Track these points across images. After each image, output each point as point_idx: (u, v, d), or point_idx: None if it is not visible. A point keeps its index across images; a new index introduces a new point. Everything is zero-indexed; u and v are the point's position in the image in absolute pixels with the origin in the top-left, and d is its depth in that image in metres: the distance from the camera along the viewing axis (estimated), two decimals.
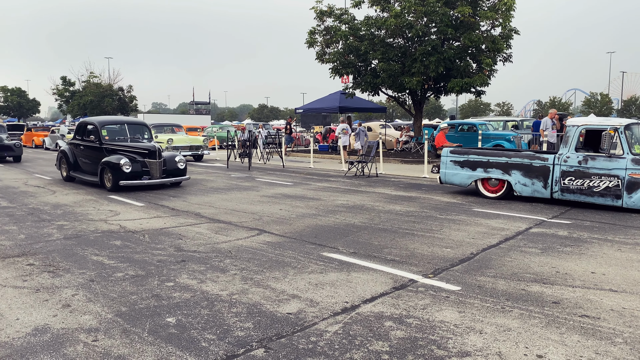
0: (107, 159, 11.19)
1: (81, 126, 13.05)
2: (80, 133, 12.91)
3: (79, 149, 12.74)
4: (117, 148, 11.79)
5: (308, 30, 21.91)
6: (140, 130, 12.91)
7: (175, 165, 11.96)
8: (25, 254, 5.90)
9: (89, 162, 12.31)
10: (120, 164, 10.91)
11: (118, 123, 12.99)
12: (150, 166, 11.48)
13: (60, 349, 3.43)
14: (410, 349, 3.43)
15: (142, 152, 11.60)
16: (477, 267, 5.37)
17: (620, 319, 3.96)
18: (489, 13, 18.60)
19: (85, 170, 12.59)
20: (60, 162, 13.42)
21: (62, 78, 47.75)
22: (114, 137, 12.21)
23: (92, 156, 12.10)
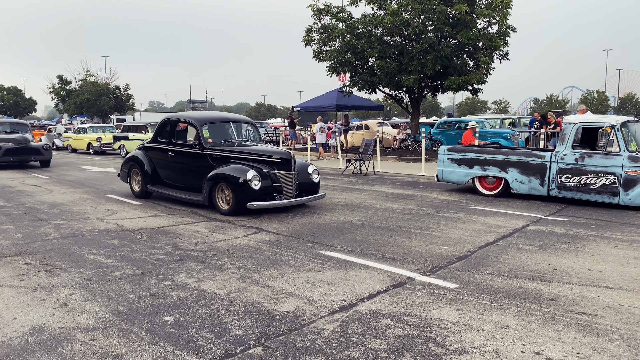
0: (223, 171, 8.17)
1: (166, 125, 9.78)
2: (165, 134, 9.69)
3: (163, 156, 9.54)
4: (231, 155, 8.58)
5: (305, 28, 21.89)
6: (247, 130, 9.78)
7: (308, 178, 8.82)
8: (22, 253, 5.88)
9: (181, 174, 9.21)
10: (248, 179, 7.82)
11: (222, 121, 9.49)
12: (283, 180, 8.29)
13: (58, 348, 3.43)
14: (407, 347, 3.43)
15: (271, 161, 8.37)
16: (474, 264, 5.38)
17: (617, 316, 3.97)
18: (486, 11, 18.61)
19: (173, 184, 9.41)
20: (131, 172, 10.28)
21: (58, 77, 47.59)
22: (218, 139, 8.96)
23: (189, 165, 9.01)
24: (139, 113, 55.19)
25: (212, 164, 8.57)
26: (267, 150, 8.64)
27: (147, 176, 9.76)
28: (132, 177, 10.28)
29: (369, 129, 26.30)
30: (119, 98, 45.27)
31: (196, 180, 8.79)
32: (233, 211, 8.05)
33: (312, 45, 21.89)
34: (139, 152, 10.17)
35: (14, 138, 16.53)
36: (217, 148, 8.73)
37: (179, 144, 9.29)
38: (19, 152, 16.36)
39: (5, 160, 16.21)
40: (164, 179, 9.61)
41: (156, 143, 9.79)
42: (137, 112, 55.11)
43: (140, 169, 9.91)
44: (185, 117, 9.61)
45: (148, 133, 20.58)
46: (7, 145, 16.24)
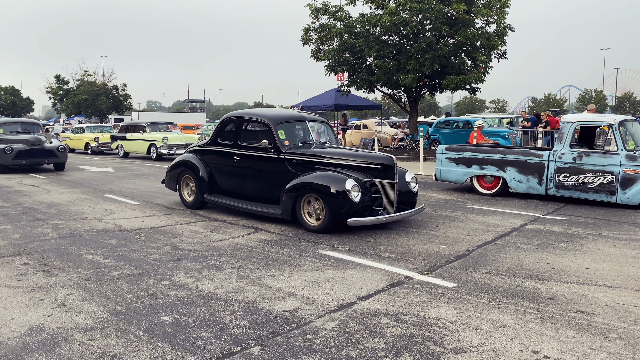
0: (312, 180, 6.80)
1: (229, 125, 8.37)
2: (227, 135, 8.27)
3: (225, 160, 8.14)
4: (316, 160, 7.20)
5: (303, 28, 21.88)
6: (324, 131, 8.37)
7: (406, 186, 7.39)
8: (19, 253, 5.87)
9: (249, 181, 7.84)
10: (347, 189, 6.48)
11: (298, 120, 8.14)
12: (384, 190, 6.86)
13: (56, 348, 3.42)
14: (406, 346, 3.43)
15: (368, 167, 6.96)
16: (472, 263, 5.39)
17: (615, 315, 3.98)
18: (484, 10, 18.63)
19: (237, 193, 8.07)
20: (181, 179, 8.94)
21: (56, 76, 47.47)
22: (294, 141, 7.72)
23: (260, 172, 7.64)
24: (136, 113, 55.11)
25: (292, 171, 7.24)
26: (364, 154, 7.24)
27: (203, 184, 8.38)
28: (182, 185, 8.94)
29: (367, 128, 26.31)
30: (116, 98, 45.19)
31: (269, 190, 7.50)
32: (325, 228, 6.73)
33: (310, 44, 21.87)
34: (191, 155, 8.80)
35: (26, 139, 15.12)
36: (298, 152, 7.37)
37: (248, 146, 7.84)
38: (32, 154, 14.93)
39: (17, 163, 14.77)
40: (225, 187, 8.26)
41: (216, 145, 8.35)
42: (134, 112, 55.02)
43: (194, 175, 8.54)
44: (255, 115, 8.13)
45: (146, 133, 20.54)
46: (19, 147, 14.77)
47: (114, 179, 13.45)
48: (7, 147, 14.52)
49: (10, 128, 16.19)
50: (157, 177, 13.73)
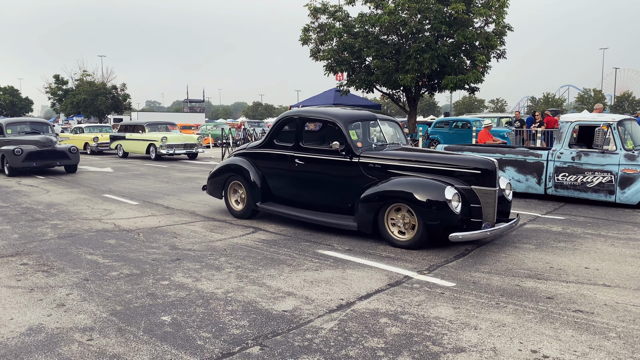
0: (400, 187, 5.96)
1: (288, 125, 7.48)
2: (286, 136, 7.39)
3: (283, 164, 7.27)
4: (399, 164, 6.35)
5: (302, 28, 21.88)
6: (395, 131, 7.46)
7: (501, 194, 6.40)
8: (19, 253, 5.87)
9: (313, 188, 6.99)
10: (447, 199, 5.64)
11: (368, 119, 7.26)
12: (484, 200, 5.91)
13: (55, 348, 3.42)
14: (405, 345, 3.44)
15: (465, 172, 6.05)
16: (471, 263, 5.39)
17: (614, 314, 3.99)
18: (483, 10, 18.64)
19: (297, 202, 7.21)
20: (228, 185, 8.01)
21: (55, 76, 47.42)
22: (366, 143, 6.90)
23: (328, 177, 6.80)
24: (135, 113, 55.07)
25: (367, 177, 6.40)
26: (458, 158, 6.34)
27: (256, 191, 7.51)
28: (230, 192, 8.03)
29: None
30: (115, 98, 45.13)
31: (338, 198, 6.68)
32: (417, 243, 5.86)
33: (309, 44, 21.86)
34: (240, 159, 7.88)
35: (36, 140, 14.31)
36: (375, 155, 6.49)
37: (312, 149, 7.01)
38: (43, 155, 14.07)
39: (27, 165, 13.92)
40: (282, 194, 7.39)
41: (271, 148, 7.47)
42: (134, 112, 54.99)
43: (245, 181, 7.64)
44: (320, 114, 7.21)
45: (145, 133, 20.53)
46: (29, 149, 13.90)
47: (113, 179, 13.44)
48: (16, 148, 13.72)
49: (19, 128, 15.41)
50: (156, 177, 13.73)
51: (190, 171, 15.49)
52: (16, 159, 13.72)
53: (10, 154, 13.74)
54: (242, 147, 8.26)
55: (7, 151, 13.82)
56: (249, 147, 8.04)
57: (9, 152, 13.76)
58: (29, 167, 14.11)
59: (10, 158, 13.76)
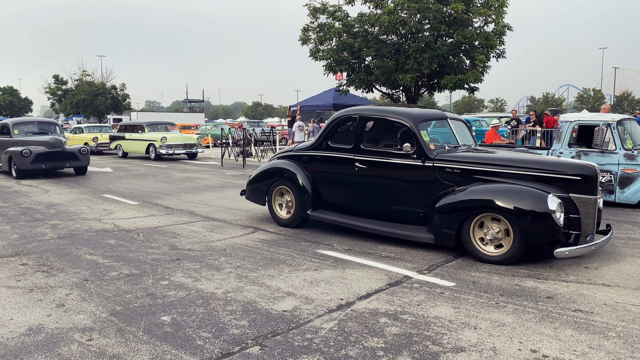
0: (492, 196, 5.31)
1: (345, 124, 6.90)
2: (343, 137, 6.79)
3: (340, 168, 6.64)
4: (483, 169, 5.72)
5: (301, 28, 21.89)
6: (464, 132, 6.88)
7: None
8: (18, 253, 5.86)
9: (377, 195, 6.34)
10: (551, 210, 5.04)
11: (439, 118, 6.99)
12: (583, 209, 5.35)
13: (55, 348, 3.42)
14: (405, 345, 3.44)
15: (561, 178, 5.44)
16: (471, 262, 5.39)
17: (614, 313, 3.99)
18: (482, 9, 18.64)
19: (356, 210, 6.57)
20: (273, 190, 7.34)
21: (54, 77, 47.42)
22: (438, 144, 6.45)
23: (395, 183, 6.17)
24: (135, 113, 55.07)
25: (444, 182, 5.80)
26: (553, 162, 5.70)
27: (307, 197, 6.85)
28: (275, 198, 7.35)
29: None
30: (115, 98, 45.12)
31: (408, 206, 6.05)
32: (512, 258, 5.25)
33: (308, 44, 21.86)
34: (286, 162, 7.24)
35: (45, 141, 13.69)
36: (454, 158, 5.88)
37: (376, 151, 6.35)
38: (52, 157, 13.50)
39: (36, 167, 13.33)
40: (337, 201, 6.73)
41: (325, 150, 6.83)
42: (133, 112, 54.98)
43: (294, 186, 6.98)
44: (386, 112, 6.55)
45: (145, 133, 20.52)
46: (37, 150, 13.28)
47: (113, 179, 13.44)
48: (24, 149, 13.11)
49: (26, 128, 14.66)
50: (156, 177, 13.74)
51: (189, 171, 15.49)
52: (24, 161, 13.12)
53: (18, 156, 13.15)
54: (288, 149, 7.62)
55: (15, 153, 13.24)
56: (297, 149, 7.35)
57: (17, 154, 13.16)
58: (38, 169, 13.58)
59: (18, 160, 13.15)
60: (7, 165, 13.75)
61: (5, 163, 13.82)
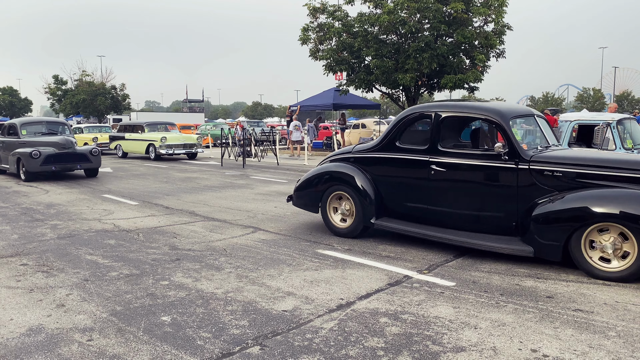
0: (612, 204, 4.68)
1: (417, 123, 6.28)
2: (413, 137, 6.15)
3: (411, 172, 5.98)
4: (591, 172, 5.07)
5: (301, 27, 21.89)
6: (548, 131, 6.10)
7: None
8: (18, 254, 5.86)
9: (458, 202, 5.68)
10: None
11: (527, 115, 6.04)
12: None
13: (55, 349, 3.42)
14: (405, 345, 3.44)
15: None
16: (471, 262, 5.39)
17: (614, 313, 3.99)
18: (482, 9, 18.65)
19: (430, 218, 5.90)
20: (329, 196, 6.65)
21: (54, 77, 47.39)
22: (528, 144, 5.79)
23: (480, 188, 5.55)
24: (135, 113, 55.07)
25: (543, 187, 5.19)
26: None
27: (370, 204, 6.19)
28: (330, 205, 6.68)
29: (366, 127, 26.32)
30: (115, 98, 45.10)
31: (498, 214, 5.42)
32: (635, 274, 4.63)
33: (308, 44, 21.88)
34: (344, 165, 6.59)
35: (55, 141, 13.14)
36: (556, 160, 5.23)
37: (459, 153, 5.71)
38: (63, 158, 12.98)
39: (46, 169, 12.76)
40: (407, 209, 6.05)
41: (392, 152, 6.15)
42: (133, 112, 54.98)
43: (354, 192, 6.31)
44: (469, 108, 5.89)
45: (145, 133, 20.51)
46: (47, 151, 12.75)
47: (113, 179, 13.44)
48: (34, 151, 12.60)
49: (34, 129, 14.07)
50: (155, 177, 13.73)
51: (189, 171, 15.49)
52: (34, 163, 12.58)
53: (27, 157, 12.59)
54: (343, 151, 6.93)
55: (24, 154, 12.70)
56: (356, 150, 6.64)
57: (26, 155, 12.61)
58: (48, 171, 13.02)
59: (27, 161, 12.60)
60: (15, 167, 13.29)
61: (13, 165, 13.35)
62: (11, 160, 13.37)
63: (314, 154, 21.94)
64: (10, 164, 13.46)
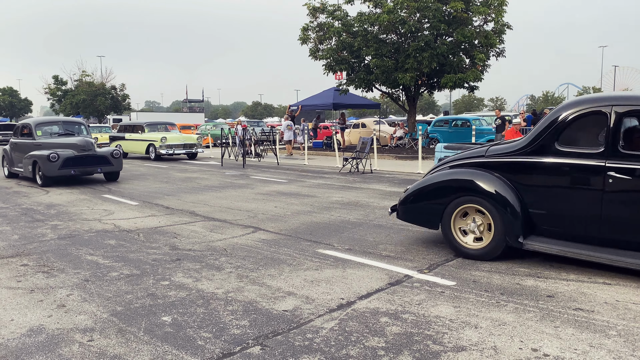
0: None
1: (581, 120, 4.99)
2: (577, 138, 5.01)
3: (572, 180, 4.94)
4: None
5: (301, 27, 21.89)
6: None
7: None
8: (19, 254, 5.87)
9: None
10: None
11: None
12: None
13: (56, 349, 3.42)
14: (406, 345, 3.44)
15: None
16: (471, 261, 5.39)
17: (614, 312, 3.99)
18: (482, 8, 18.66)
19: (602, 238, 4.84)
20: (454, 209, 5.60)
21: (54, 77, 47.44)
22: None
23: None
24: (135, 113, 55.08)
25: None
26: None
27: (516, 220, 5.16)
28: (455, 220, 5.61)
29: (366, 127, 26.32)
30: (115, 98, 45.16)
31: None
32: None
33: (308, 43, 21.89)
34: (475, 172, 5.50)
35: (73, 143, 12.17)
36: None
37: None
38: (83, 161, 12.04)
39: (64, 173, 11.79)
40: (566, 226, 5.02)
41: (547, 155, 5.08)
42: (133, 112, 54.99)
43: (494, 205, 5.26)
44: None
45: (145, 133, 20.52)
46: (66, 154, 11.80)
47: None
48: (51, 153, 11.58)
49: (50, 129, 13.09)
50: (156, 177, 13.74)
51: (189, 171, 15.49)
52: (52, 167, 11.59)
53: (44, 161, 11.61)
54: (471, 154, 5.80)
55: (41, 157, 11.71)
56: (490, 154, 5.55)
57: (43, 158, 11.63)
58: (67, 176, 12.00)
59: (45, 165, 11.61)
60: (30, 171, 12.28)
61: (28, 168, 12.34)
62: (26, 163, 12.44)
63: (313, 153, 21.94)
64: (25, 167, 12.55)
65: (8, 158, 13.73)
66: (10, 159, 13.61)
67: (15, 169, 13.39)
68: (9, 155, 13.70)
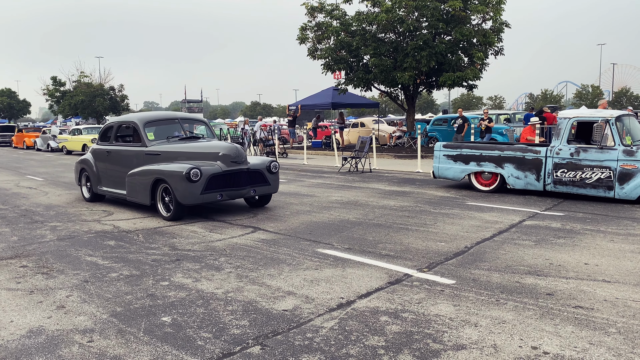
0: None
1: None
2: None
3: None
4: None
5: (299, 27, 21.88)
6: None
7: None
8: (18, 255, 5.86)
9: None
10: None
11: None
12: None
13: (56, 350, 3.42)
14: (405, 343, 3.44)
15: None
16: (471, 260, 5.40)
17: (614, 309, 3.99)
18: (480, 7, 18.66)
19: None
20: None
21: (52, 78, 47.35)
22: None
23: None
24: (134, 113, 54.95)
25: None
26: None
27: None
28: None
29: (365, 126, 26.33)
30: (113, 99, 45.08)
31: None
32: None
33: (306, 43, 21.88)
34: None
35: (215, 152, 8.01)
36: None
37: None
38: (233, 180, 7.96)
39: (209, 199, 7.72)
40: None
41: None
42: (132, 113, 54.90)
43: None
44: None
45: None
46: (211, 170, 7.71)
47: None
48: (192, 169, 7.44)
49: (167, 130, 8.90)
50: None
51: None
52: (191, 189, 7.48)
53: (179, 180, 7.47)
54: None
55: (173, 174, 7.56)
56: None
57: (177, 177, 7.48)
58: (212, 201, 7.86)
59: (181, 186, 7.47)
60: (146, 195, 8.06)
61: (143, 191, 8.10)
62: (135, 183, 8.27)
63: (312, 153, 21.94)
64: (132, 187, 8.36)
65: (93, 173, 9.53)
66: (97, 174, 9.47)
67: (106, 189, 9.27)
68: (93, 170, 9.51)
